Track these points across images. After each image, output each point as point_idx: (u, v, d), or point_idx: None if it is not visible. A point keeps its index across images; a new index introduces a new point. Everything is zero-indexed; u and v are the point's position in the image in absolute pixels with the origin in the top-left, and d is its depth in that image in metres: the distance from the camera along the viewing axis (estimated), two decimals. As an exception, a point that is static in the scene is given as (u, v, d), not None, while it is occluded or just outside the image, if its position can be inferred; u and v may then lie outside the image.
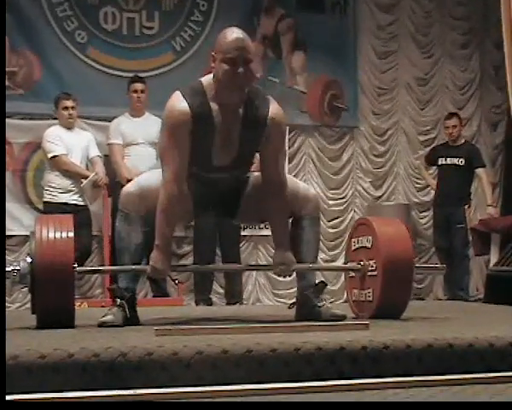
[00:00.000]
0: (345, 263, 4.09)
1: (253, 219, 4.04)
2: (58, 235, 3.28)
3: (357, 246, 3.86)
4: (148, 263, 3.48)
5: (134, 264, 3.57)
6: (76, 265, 3.32)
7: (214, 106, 3.38)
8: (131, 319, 3.47)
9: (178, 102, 3.36)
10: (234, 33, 3.34)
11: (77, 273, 3.36)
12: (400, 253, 3.63)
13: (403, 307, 3.70)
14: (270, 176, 3.53)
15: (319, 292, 3.66)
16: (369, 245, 3.72)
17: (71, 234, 3.31)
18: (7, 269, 3.31)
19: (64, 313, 3.24)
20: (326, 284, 3.75)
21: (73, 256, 3.29)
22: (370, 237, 3.71)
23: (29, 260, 3.26)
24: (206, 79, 3.43)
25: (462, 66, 8.45)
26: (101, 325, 3.37)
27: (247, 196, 3.66)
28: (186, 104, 3.34)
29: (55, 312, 3.20)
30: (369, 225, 3.78)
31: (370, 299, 3.70)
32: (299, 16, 7.88)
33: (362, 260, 3.77)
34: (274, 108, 3.48)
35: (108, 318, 3.41)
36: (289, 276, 3.70)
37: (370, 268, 3.70)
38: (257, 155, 3.60)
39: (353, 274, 3.90)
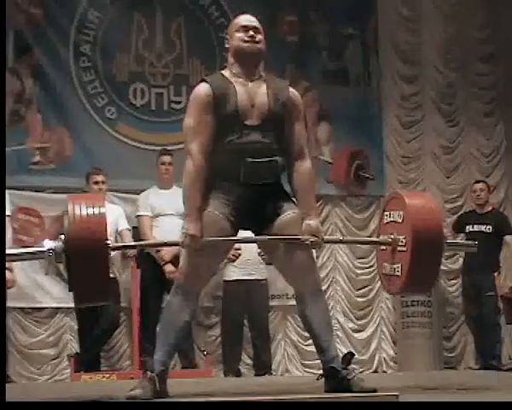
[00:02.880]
0: (377, 236, 4.01)
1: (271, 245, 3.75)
2: (90, 212, 3.31)
3: (388, 220, 3.82)
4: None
5: (178, 340, 3.58)
6: (109, 243, 3.36)
7: (234, 79, 3.66)
8: (161, 393, 3.42)
9: (200, 86, 3.65)
10: (243, 14, 3.79)
11: (110, 250, 3.38)
12: (430, 229, 3.59)
13: (430, 285, 3.69)
14: (295, 145, 3.66)
15: (347, 363, 3.57)
16: (399, 220, 3.69)
17: (103, 210, 3.34)
18: (43, 249, 3.33)
19: (99, 288, 3.28)
20: (353, 355, 3.69)
21: (106, 232, 3.32)
22: (401, 213, 3.69)
23: (63, 238, 3.28)
24: (223, 70, 3.75)
25: (487, 134, 8.44)
26: (130, 398, 3.32)
27: (278, 223, 3.58)
28: (207, 85, 3.62)
29: (90, 286, 3.25)
30: (400, 199, 3.76)
31: (399, 274, 3.67)
32: (324, 88, 7.94)
33: (392, 234, 3.72)
34: (293, 90, 3.75)
35: (137, 392, 3.35)
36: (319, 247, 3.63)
37: (400, 243, 3.65)
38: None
39: (384, 247, 3.86)
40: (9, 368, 6.37)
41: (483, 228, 7.35)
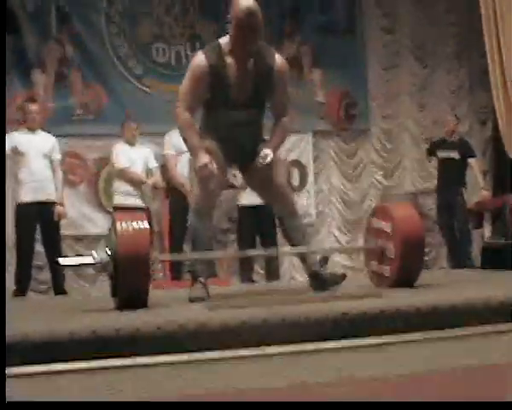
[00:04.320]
0: (364, 238, 3.92)
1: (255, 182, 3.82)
2: (136, 227, 3.15)
3: (376, 226, 3.71)
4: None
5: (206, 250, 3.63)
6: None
7: (228, 58, 3.53)
8: (208, 294, 3.53)
9: (199, 58, 3.57)
10: (245, 2, 3.42)
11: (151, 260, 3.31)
12: (415, 237, 3.50)
13: (415, 281, 3.57)
14: (279, 106, 3.66)
15: (324, 264, 3.73)
16: (388, 230, 3.58)
17: (146, 226, 3.19)
18: (90, 261, 3.22)
19: (141, 295, 3.12)
20: (327, 258, 3.79)
21: (149, 246, 3.19)
22: (389, 224, 3.57)
23: (109, 252, 3.18)
24: (224, 39, 3.60)
25: (454, 74, 8.36)
26: (193, 299, 3.38)
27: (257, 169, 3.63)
28: (204, 59, 3.53)
29: (133, 294, 3.10)
30: (388, 212, 3.65)
31: (387, 275, 3.58)
32: (317, 40, 7.84)
33: (380, 239, 3.62)
34: (278, 59, 3.62)
35: (198, 293, 3.45)
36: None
37: (388, 250, 3.56)
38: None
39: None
40: (65, 283, 6.44)
41: (451, 154, 7.31)
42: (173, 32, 7.49)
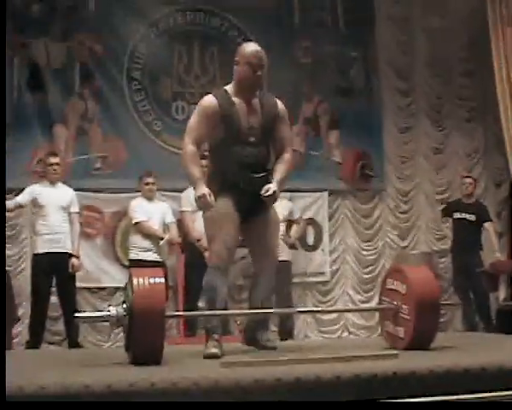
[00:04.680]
0: (379, 298, 3.91)
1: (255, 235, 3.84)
2: (152, 283, 3.16)
3: (391, 287, 3.72)
4: None
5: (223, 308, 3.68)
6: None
7: (236, 100, 3.68)
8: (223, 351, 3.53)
9: (209, 99, 3.69)
10: (253, 45, 3.75)
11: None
12: (430, 300, 3.50)
13: (430, 343, 3.55)
14: (280, 146, 3.77)
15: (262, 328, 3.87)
16: (403, 291, 3.58)
17: (163, 282, 3.21)
18: (106, 313, 3.25)
19: (155, 350, 3.11)
20: (266, 325, 3.94)
21: (165, 302, 3.21)
22: (405, 286, 3.57)
23: (124, 306, 3.20)
24: (228, 86, 3.77)
25: (469, 137, 8.41)
26: (208, 357, 3.38)
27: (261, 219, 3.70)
28: (215, 99, 3.67)
29: (148, 349, 3.09)
30: (403, 273, 3.65)
31: (402, 336, 3.58)
32: (334, 101, 7.93)
33: (395, 301, 3.63)
34: (279, 102, 3.80)
35: (214, 351, 3.45)
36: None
37: (403, 311, 3.56)
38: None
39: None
40: (80, 336, 6.45)
41: (467, 216, 7.30)
42: (193, 91, 7.61)
